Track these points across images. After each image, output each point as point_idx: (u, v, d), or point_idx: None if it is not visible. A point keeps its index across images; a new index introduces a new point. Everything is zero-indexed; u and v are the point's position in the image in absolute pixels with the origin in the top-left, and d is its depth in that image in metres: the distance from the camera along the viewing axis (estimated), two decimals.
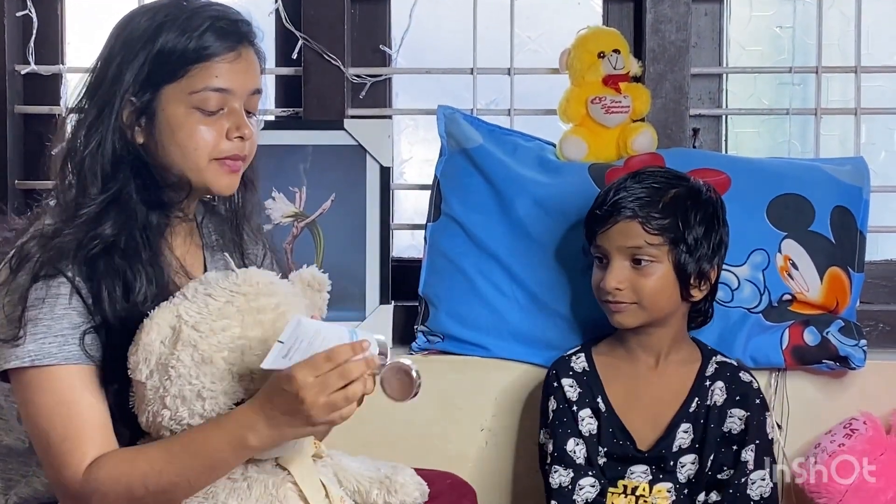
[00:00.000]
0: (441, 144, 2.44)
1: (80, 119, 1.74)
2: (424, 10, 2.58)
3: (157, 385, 1.65)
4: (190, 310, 1.66)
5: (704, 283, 2.13)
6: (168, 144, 1.73)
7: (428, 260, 2.41)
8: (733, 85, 2.63)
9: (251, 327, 1.66)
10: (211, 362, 1.64)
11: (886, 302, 2.53)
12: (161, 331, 1.65)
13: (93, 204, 1.71)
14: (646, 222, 2.08)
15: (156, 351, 1.64)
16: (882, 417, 2.29)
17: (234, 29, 1.74)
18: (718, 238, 2.13)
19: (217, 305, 1.66)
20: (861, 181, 2.36)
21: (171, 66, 1.71)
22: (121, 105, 1.72)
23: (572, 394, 2.15)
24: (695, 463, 2.12)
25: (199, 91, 1.71)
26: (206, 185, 1.76)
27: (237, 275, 1.69)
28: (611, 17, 2.59)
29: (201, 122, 1.73)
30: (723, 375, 2.15)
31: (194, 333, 1.64)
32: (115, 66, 1.72)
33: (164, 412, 1.65)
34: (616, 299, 2.11)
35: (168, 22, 1.72)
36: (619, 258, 2.11)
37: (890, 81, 2.61)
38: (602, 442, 2.14)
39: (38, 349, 1.66)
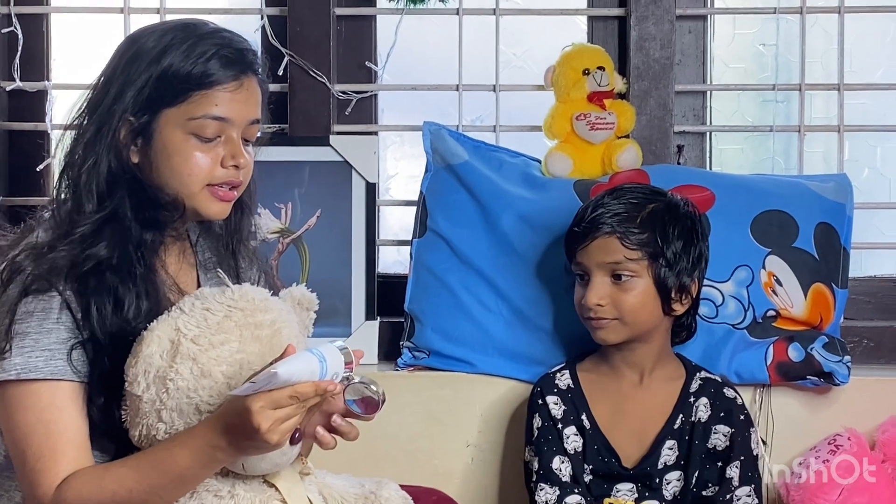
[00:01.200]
0: (427, 160, 2.45)
1: (79, 135, 1.74)
2: (410, 27, 2.58)
3: (153, 398, 1.64)
4: (189, 323, 1.66)
5: (686, 297, 2.13)
6: (163, 167, 1.73)
7: (413, 276, 2.41)
8: (717, 102, 2.64)
9: (249, 342, 1.66)
10: (210, 376, 1.64)
11: (870, 318, 2.54)
12: (161, 343, 1.65)
13: (88, 221, 1.70)
14: (624, 237, 2.09)
15: (155, 363, 1.64)
16: (866, 434, 2.29)
17: (238, 58, 1.74)
18: (698, 252, 2.13)
19: (216, 320, 1.66)
20: (844, 198, 2.38)
21: (172, 89, 1.71)
22: (119, 124, 1.71)
23: (557, 411, 2.15)
24: (680, 480, 2.12)
25: (198, 118, 1.71)
26: (197, 210, 1.76)
27: (233, 291, 1.69)
28: (595, 34, 2.60)
29: (197, 148, 1.73)
30: (707, 391, 2.15)
31: (193, 346, 1.64)
32: (118, 85, 1.72)
33: (160, 426, 1.64)
34: (598, 315, 2.11)
35: (174, 45, 1.71)
36: (599, 274, 2.11)
37: (873, 99, 2.62)
38: (587, 459, 2.14)
39: (24, 363, 1.65)
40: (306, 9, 2.54)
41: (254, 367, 1.64)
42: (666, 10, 2.51)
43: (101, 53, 2.60)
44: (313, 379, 1.56)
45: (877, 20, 2.63)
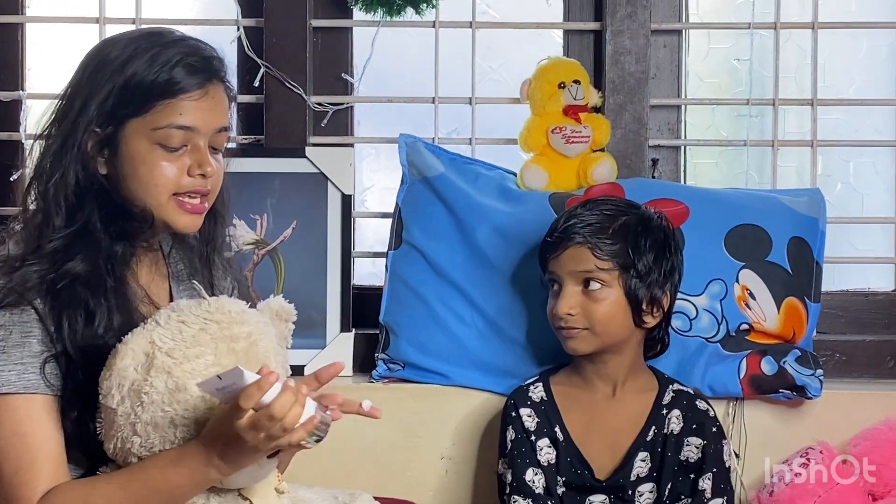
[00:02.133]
0: (402, 173, 2.45)
1: (46, 147, 1.73)
2: (387, 39, 2.58)
3: (128, 411, 1.63)
4: (164, 336, 1.64)
5: (657, 310, 2.14)
6: (130, 178, 1.72)
7: (389, 288, 2.41)
8: (692, 116, 2.65)
9: (225, 355, 1.65)
10: (185, 389, 1.62)
11: (842, 332, 2.55)
12: (135, 356, 1.63)
13: (58, 236, 1.69)
14: (595, 248, 2.10)
15: (129, 377, 1.62)
16: (838, 447, 2.30)
17: (203, 65, 1.73)
18: (671, 265, 2.14)
19: (191, 332, 1.65)
20: (817, 212, 2.39)
21: (136, 99, 1.69)
22: (85, 136, 1.70)
23: (530, 423, 2.15)
24: (653, 492, 2.12)
25: (163, 128, 1.70)
26: (166, 221, 1.74)
27: (209, 303, 1.68)
28: (571, 48, 2.61)
29: (163, 157, 1.71)
30: (679, 404, 2.16)
31: (168, 360, 1.63)
32: (82, 97, 1.71)
33: (135, 439, 1.63)
34: (568, 325, 2.12)
35: (138, 54, 1.70)
36: (570, 283, 2.12)
37: (846, 114, 2.64)
38: (560, 472, 2.14)
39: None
40: (283, 20, 2.54)
41: None
42: (641, 24, 2.52)
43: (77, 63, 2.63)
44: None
45: (850, 36, 2.64)
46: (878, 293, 2.61)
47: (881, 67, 2.65)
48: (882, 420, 2.33)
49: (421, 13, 2.52)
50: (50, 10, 2.66)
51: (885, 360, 2.47)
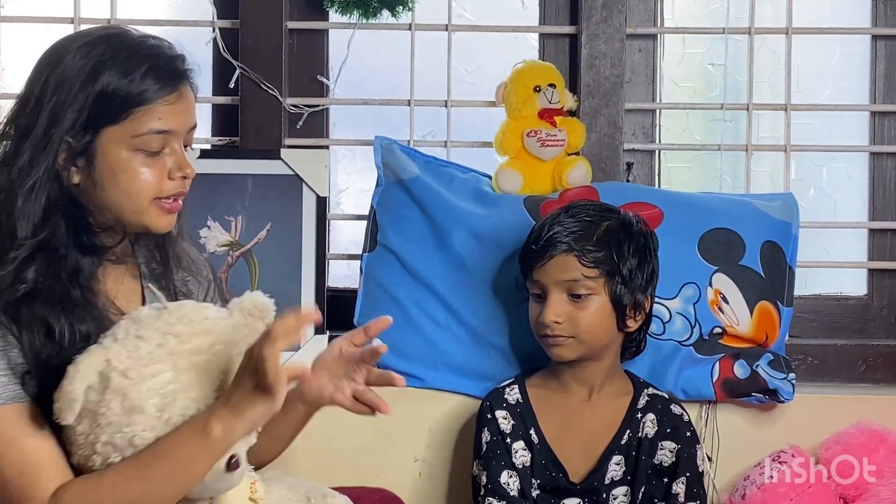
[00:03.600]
0: (378, 175, 2.45)
1: (8, 158, 1.68)
2: (362, 42, 2.58)
3: (86, 431, 1.61)
4: (120, 355, 1.61)
5: (639, 314, 2.15)
6: (109, 187, 1.70)
7: (363, 290, 2.41)
8: (666, 120, 2.66)
9: (183, 371, 1.62)
10: (142, 411, 1.60)
11: (815, 336, 2.57)
12: (86, 378, 1.59)
13: (21, 247, 1.66)
14: (581, 255, 2.10)
15: (80, 399, 1.59)
16: (810, 450, 2.32)
17: (173, 68, 1.72)
18: (651, 268, 2.15)
19: (147, 349, 1.61)
20: (790, 217, 2.40)
21: (113, 108, 1.67)
22: (58, 147, 1.67)
23: (506, 426, 2.16)
24: (627, 495, 2.13)
25: (143, 134, 1.69)
26: (145, 225, 1.73)
27: (170, 312, 1.65)
28: (547, 51, 2.62)
29: (143, 163, 1.70)
30: (654, 408, 2.17)
31: (124, 381, 1.60)
32: (51, 108, 1.67)
33: (95, 457, 1.62)
34: (555, 333, 2.12)
35: (106, 62, 1.68)
36: (556, 292, 2.12)
37: (819, 119, 2.65)
38: (535, 474, 2.14)
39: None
40: (258, 22, 2.54)
41: (189, 396, 1.61)
42: (616, 28, 2.53)
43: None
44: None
45: (823, 42, 2.65)
46: (851, 297, 2.63)
47: (854, 73, 2.66)
48: (854, 424, 2.34)
49: (397, 16, 2.51)
50: (24, 11, 2.65)
51: (856, 364, 2.48)
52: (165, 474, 1.61)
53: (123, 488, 1.61)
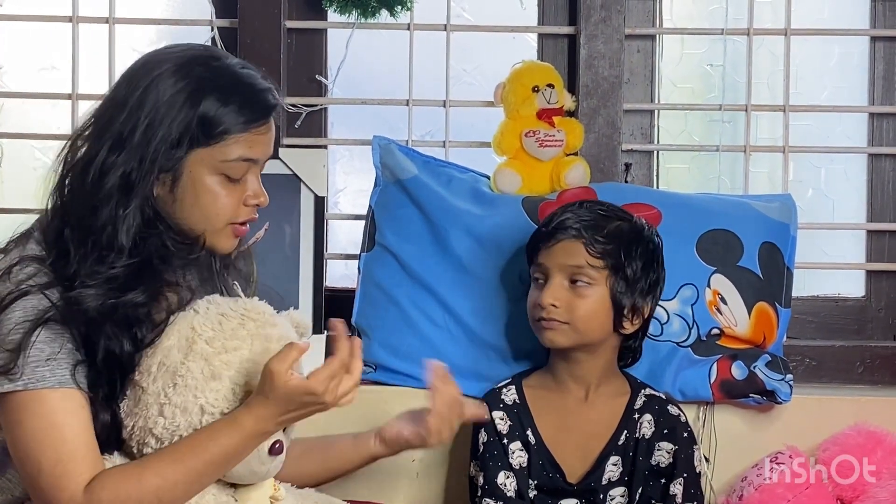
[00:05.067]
0: (376, 175, 2.45)
1: (103, 169, 1.70)
2: (361, 41, 2.58)
3: (158, 391, 1.67)
4: (204, 325, 1.69)
5: (637, 318, 2.15)
6: (190, 205, 1.73)
7: (361, 290, 2.41)
8: (665, 121, 2.66)
9: (259, 353, 1.69)
10: (219, 378, 1.67)
11: (812, 337, 2.57)
12: (179, 338, 1.68)
13: (121, 264, 1.69)
14: (589, 244, 2.10)
15: (170, 357, 1.67)
16: (807, 451, 2.32)
17: (267, 100, 1.76)
18: (656, 276, 2.15)
19: (230, 325, 1.70)
20: (789, 218, 2.40)
21: (208, 132, 1.71)
22: (159, 161, 1.70)
23: (503, 426, 2.15)
24: (624, 496, 2.13)
25: (231, 161, 1.73)
26: (213, 245, 1.78)
27: (245, 301, 1.73)
28: (545, 51, 2.62)
29: (224, 187, 1.74)
30: (651, 408, 2.17)
31: (207, 348, 1.68)
32: (150, 122, 1.69)
33: (160, 419, 1.67)
34: (549, 316, 2.12)
35: (206, 86, 1.71)
36: (558, 276, 2.12)
37: (817, 120, 2.65)
38: (532, 475, 2.14)
39: (30, 373, 1.65)
40: (257, 21, 2.54)
41: (257, 379, 1.67)
42: (615, 28, 2.53)
43: (50, 61, 2.62)
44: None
45: (822, 43, 2.66)
46: (849, 299, 2.63)
47: (853, 74, 2.66)
48: (851, 425, 2.34)
49: (395, 15, 2.51)
50: (22, 9, 2.64)
51: (854, 365, 2.48)
52: (209, 475, 1.68)
53: (169, 491, 1.65)
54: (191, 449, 1.67)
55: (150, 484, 1.65)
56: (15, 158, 2.64)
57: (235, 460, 1.68)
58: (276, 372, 1.65)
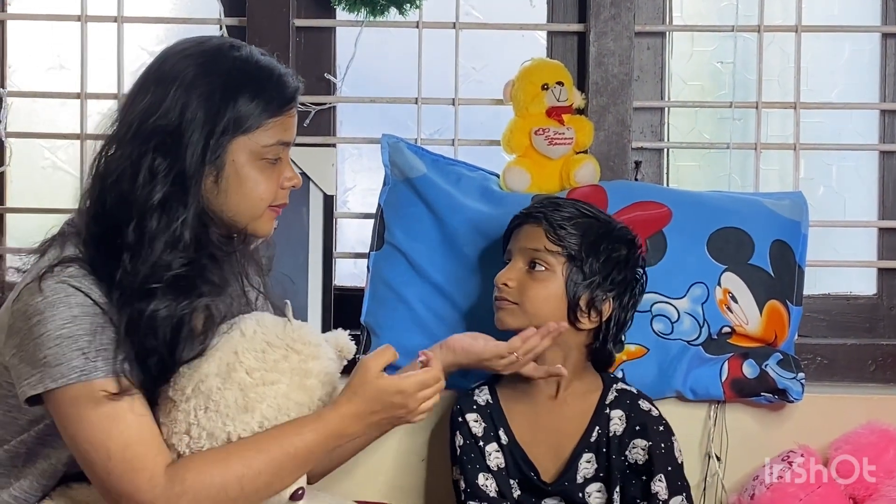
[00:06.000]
0: (385, 173, 2.44)
1: (151, 172, 1.72)
2: (370, 40, 2.58)
3: (189, 410, 1.68)
4: (248, 352, 1.70)
5: (595, 315, 2.12)
6: (233, 193, 1.78)
7: (370, 289, 2.40)
8: (675, 119, 2.65)
9: (296, 390, 1.72)
10: (251, 412, 1.68)
11: (824, 336, 2.56)
12: (219, 363, 1.68)
13: (180, 266, 1.72)
14: (550, 230, 2.11)
15: (206, 381, 1.67)
16: (819, 450, 2.31)
17: (293, 83, 1.83)
18: (622, 278, 2.12)
19: (273, 357, 1.71)
20: (800, 216, 2.39)
21: (249, 121, 1.76)
22: (214, 157, 1.75)
23: (477, 429, 2.15)
24: (601, 492, 2.11)
25: (272, 145, 1.79)
26: (255, 230, 1.84)
27: (293, 328, 1.75)
28: (555, 49, 2.61)
29: (263, 172, 1.80)
30: (622, 403, 2.14)
31: (246, 378, 1.69)
32: (191, 127, 1.73)
33: (185, 438, 1.68)
34: (502, 295, 2.13)
35: (238, 77, 1.77)
36: (519, 259, 2.13)
37: (828, 117, 2.64)
38: (511, 474, 2.13)
39: (83, 364, 1.66)
40: (266, 19, 2.53)
41: (290, 415, 1.70)
42: (625, 26, 2.52)
43: (59, 60, 2.62)
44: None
45: (833, 40, 2.64)
46: (860, 297, 2.62)
47: (864, 71, 2.65)
48: (863, 423, 2.34)
49: (404, 13, 2.51)
50: (31, 8, 2.65)
51: (866, 363, 2.48)
52: (291, 470, 1.72)
53: (252, 480, 1.68)
54: (275, 440, 1.70)
55: (235, 470, 1.68)
56: (24, 157, 2.64)
57: (315, 458, 1.73)
58: (370, 367, 1.75)
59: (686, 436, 2.34)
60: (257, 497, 1.71)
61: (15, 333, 1.70)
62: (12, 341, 1.71)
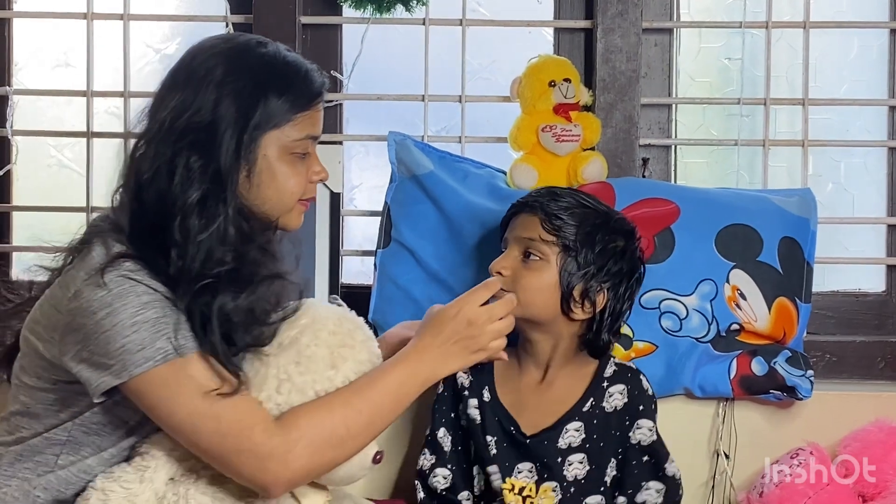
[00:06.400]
0: (391, 171, 2.44)
1: (188, 173, 1.75)
2: (376, 37, 2.57)
3: (280, 366, 1.78)
4: (327, 319, 1.85)
5: (588, 306, 2.11)
6: (265, 187, 1.82)
7: (378, 286, 2.40)
8: (683, 115, 2.64)
9: (364, 363, 1.87)
10: (337, 369, 1.83)
11: (833, 333, 2.55)
12: (305, 324, 1.82)
13: (232, 261, 1.76)
14: (546, 219, 2.10)
15: (298, 339, 1.80)
16: (828, 448, 2.30)
17: (319, 77, 1.87)
18: (619, 268, 2.11)
19: (348, 327, 1.87)
20: (808, 212, 2.38)
21: (280, 116, 1.80)
22: (251, 153, 1.78)
23: (464, 380, 2.15)
24: (583, 463, 2.10)
25: (302, 139, 1.84)
26: (285, 223, 1.87)
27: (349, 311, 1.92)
28: (562, 46, 2.60)
29: (293, 166, 1.84)
30: (623, 378, 2.12)
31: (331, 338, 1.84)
32: (224, 125, 1.76)
33: (275, 396, 1.78)
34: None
35: (267, 74, 1.80)
36: (514, 248, 2.12)
37: (837, 114, 2.63)
38: (489, 430, 2.12)
39: (165, 345, 1.70)
40: (272, 17, 2.53)
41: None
42: (632, 22, 2.51)
43: (65, 58, 2.62)
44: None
45: (841, 36, 2.64)
46: (869, 294, 2.61)
47: (872, 67, 2.65)
48: (872, 421, 2.33)
49: (411, 10, 2.50)
50: (37, 6, 2.64)
51: (875, 361, 2.47)
52: (388, 409, 1.84)
53: (355, 419, 1.79)
54: (368, 384, 1.83)
55: (340, 412, 1.78)
56: (30, 155, 2.64)
57: (406, 395, 1.87)
58: (433, 306, 1.96)
59: (694, 433, 2.34)
60: (361, 438, 1.81)
61: (76, 330, 1.72)
62: (72, 338, 1.72)
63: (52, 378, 1.79)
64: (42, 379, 1.80)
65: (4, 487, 1.80)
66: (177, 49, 2.66)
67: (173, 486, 1.79)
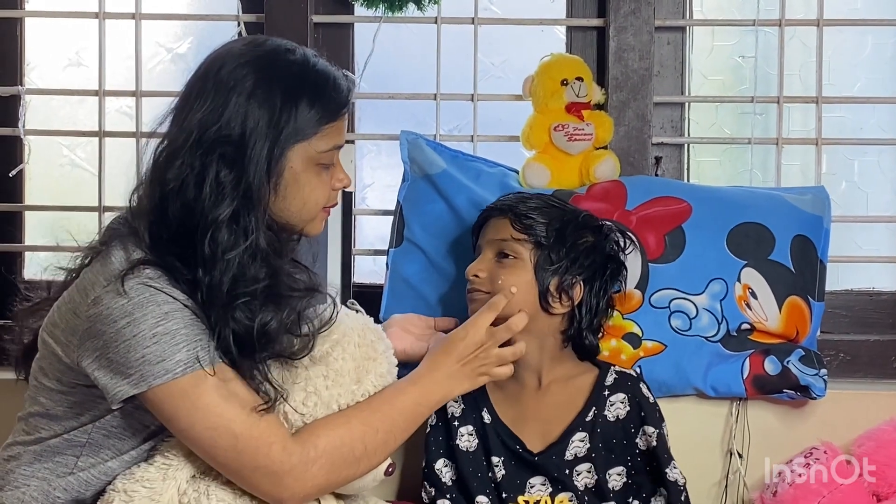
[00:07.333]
0: (404, 170, 2.44)
1: (219, 187, 1.74)
2: (388, 36, 2.57)
3: (310, 378, 1.78)
4: (353, 331, 1.87)
5: (566, 300, 2.11)
6: (292, 199, 1.81)
7: (390, 286, 2.39)
8: (695, 114, 2.64)
9: (385, 375, 1.90)
10: (360, 383, 1.85)
11: (846, 332, 2.54)
12: (334, 337, 1.83)
13: (266, 276, 1.76)
14: (515, 220, 2.11)
15: (329, 353, 1.82)
16: (842, 447, 2.29)
17: (346, 86, 1.86)
18: (590, 261, 2.12)
19: (370, 338, 1.90)
20: (822, 210, 2.37)
21: (308, 128, 1.79)
22: (278, 164, 1.78)
23: (455, 409, 2.15)
24: (591, 472, 2.10)
25: (329, 150, 1.82)
26: (307, 231, 1.88)
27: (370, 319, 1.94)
28: (574, 44, 2.60)
29: (318, 176, 1.84)
30: (623, 386, 2.13)
31: (357, 351, 1.86)
32: (253, 136, 1.75)
33: (301, 407, 1.78)
34: (473, 287, 2.12)
35: (296, 84, 1.79)
36: (488, 251, 2.14)
37: (851, 112, 2.62)
38: (494, 452, 2.12)
39: (185, 357, 1.70)
40: (283, 16, 2.53)
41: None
42: (645, 20, 2.51)
43: (76, 58, 2.62)
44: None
45: (855, 33, 2.63)
46: (883, 293, 2.60)
47: (886, 65, 2.64)
48: (887, 420, 2.32)
49: (423, 9, 2.50)
50: (49, 5, 2.65)
51: (889, 359, 2.46)
52: (401, 428, 1.87)
53: (372, 437, 1.82)
54: (384, 401, 1.85)
55: (357, 430, 1.80)
56: (42, 155, 2.64)
57: (420, 414, 1.91)
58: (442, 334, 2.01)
59: (708, 433, 2.34)
60: (376, 456, 1.83)
61: (95, 336, 1.71)
62: (91, 344, 1.72)
63: (72, 381, 1.78)
64: (62, 382, 1.80)
65: (24, 487, 1.80)
66: (188, 48, 2.67)
67: (194, 483, 1.78)
